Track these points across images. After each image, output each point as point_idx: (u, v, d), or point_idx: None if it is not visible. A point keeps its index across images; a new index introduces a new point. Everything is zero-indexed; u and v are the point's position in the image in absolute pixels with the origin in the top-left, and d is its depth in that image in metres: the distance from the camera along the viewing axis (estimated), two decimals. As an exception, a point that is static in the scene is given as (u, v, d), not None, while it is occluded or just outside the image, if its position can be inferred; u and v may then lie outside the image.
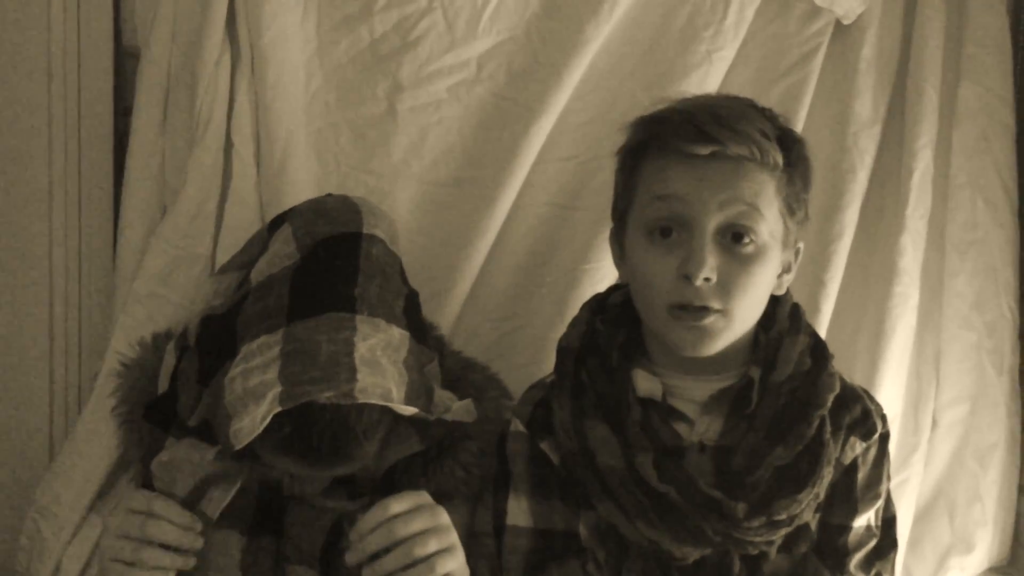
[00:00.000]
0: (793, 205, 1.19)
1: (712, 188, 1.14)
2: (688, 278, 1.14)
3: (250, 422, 1.06)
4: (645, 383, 1.22)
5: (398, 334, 1.15)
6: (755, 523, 1.15)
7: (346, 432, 1.09)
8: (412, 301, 1.22)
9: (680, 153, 1.15)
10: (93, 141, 1.51)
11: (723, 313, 1.16)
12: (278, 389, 1.06)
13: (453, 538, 1.11)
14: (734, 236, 1.15)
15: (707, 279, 1.14)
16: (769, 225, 1.16)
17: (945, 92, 1.53)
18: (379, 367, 1.10)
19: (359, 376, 1.07)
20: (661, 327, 1.19)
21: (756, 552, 1.18)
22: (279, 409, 1.05)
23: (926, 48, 1.52)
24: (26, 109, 1.49)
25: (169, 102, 1.46)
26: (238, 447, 1.07)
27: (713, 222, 1.14)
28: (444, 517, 1.11)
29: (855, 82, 1.52)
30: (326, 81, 1.49)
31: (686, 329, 1.17)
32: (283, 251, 1.18)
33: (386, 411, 1.12)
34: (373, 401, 1.08)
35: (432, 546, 1.08)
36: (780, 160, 1.17)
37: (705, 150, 1.13)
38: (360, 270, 1.14)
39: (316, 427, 1.08)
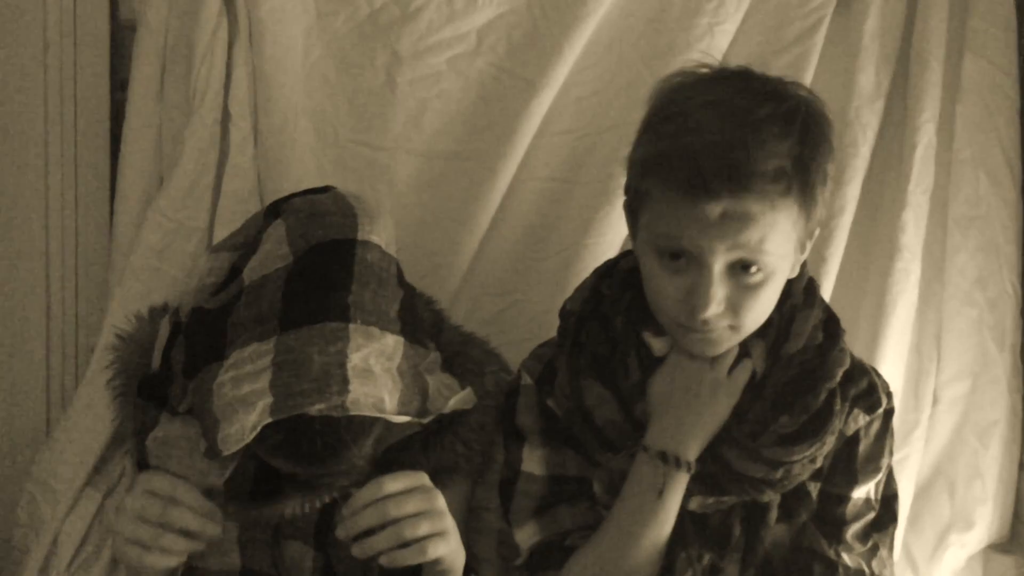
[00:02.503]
0: (811, 211, 1.15)
1: (720, 235, 1.10)
2: (695, 308, 1.13)
3: (239, 430, 1.06)
4: (659, 344, 1.22)
5: (392, 341, 1.14)
6: (749, 464, 1.17)
7: (337, 439, 1.08)
8: (408, 301, 1.21)
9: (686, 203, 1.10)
10: (89, 114, 1.50)
11: (733, 327, 1.16)
12: (269, 400, 1.06)
13: (447, 523, 1.10)
14: (743, 267, 1.13)
15: (714, 312, 1.13)
16: (780, 250, 1.13)
17: (949, 66, 1.52)
18: (372, 376, 1.09)
19: (351, 388, 1.07)
20: (668, 329, 1.20)
21: (752, 499, 1.20)
22: (269, 420, 1.05)
23: (930, 21, 1.50)
24: (22, 82, 1.48)
25: (166, 73, 1.45)
26: (226, 453, 1.06)
27: (720, 263, 1.12)
28: (439, 501, 1.10)
29: (858, 56, 1.51)
30: (324, 53, 1.48)
31: (692, 341, 1.18)
32: (276, 252, 1.17)
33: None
34: (365, 413, 1.07)
35: (423, 529, 1.07)
36: (795, 202, 1.11)
37: (714, 211, 1.08)
38: (354, 278, 1.13)
39: (307, 435, 1.07)
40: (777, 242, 1.12)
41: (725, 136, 1.09)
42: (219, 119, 1.43)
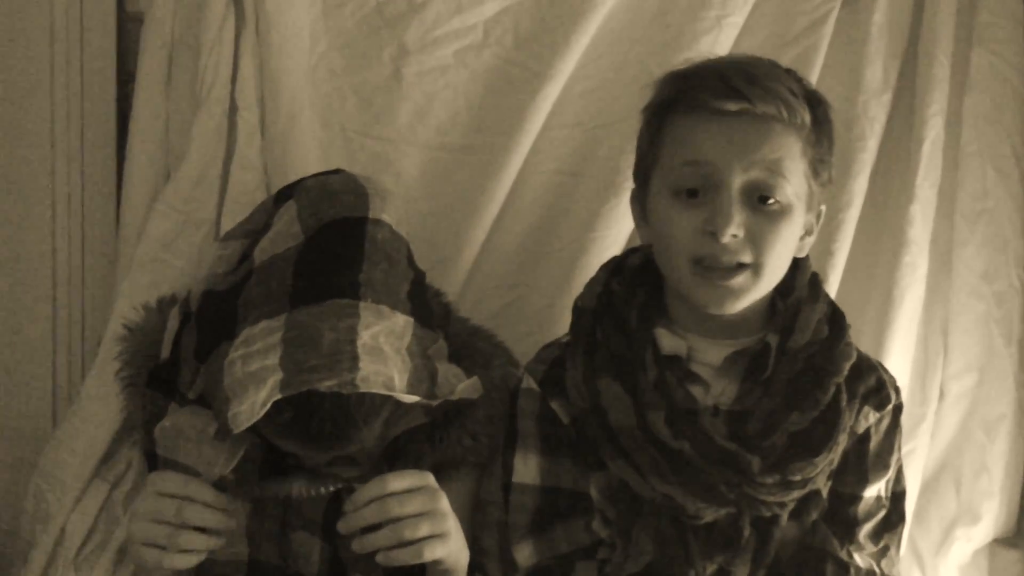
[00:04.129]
0: (818, 167, 1.20)
1: (739, 149, 1.14)
2: (714, 234, 1.15)
3: (249, 407, 1.05)
4: (669, 341, 1.22)
5: (402, 320, 1.14)
6: (769, 480, 1.16)
7: (347, 418, 1.08)
8: (418, 284, 1.21)
9: (709, 110, 1.15)
10: (96, 105, 1.50)
11: (754, 268, 1.17)
12: (279, 376, 1.06)
13: (448, 525, 1.10)
14: (760, 196, 1.16)
15: (734, 235, 1.15)
16: (794, 186, 1.17)
17: (957, 60, 1.51)
18: (382, 355, 1.09)
19: (361, 365, 1.06)
20: (686, 284, 1.19)
21: (769, 515, 1.18)
22: (279, 396, 1.05)
23: (938, 15, 1.50)
24: (29, 74, 1.48)
25: (173, 65, 1.45)
26: (236, 431, 1.06)
27: (739, 182, 1.15)
28: (442, 502, 1.10)
29: (866, 49, 1.51)
30: (331, 45, 1.48)
31: (712, 287, 1.17)
32: (288, 231, 1.17)
33: (389, 395, 1.11)
34: (375, 390, 1.07)
35: (424, 530, 1.07)
36: (807, 119, 1.17)
37: (735, 106, 1.14)
38: (365, 256, 1.13)
39: (317, 413, 1.07)
40: (792, 171, 1.16)
41: (746, 61, 1.20)
42: (226, 111, 1.43)
